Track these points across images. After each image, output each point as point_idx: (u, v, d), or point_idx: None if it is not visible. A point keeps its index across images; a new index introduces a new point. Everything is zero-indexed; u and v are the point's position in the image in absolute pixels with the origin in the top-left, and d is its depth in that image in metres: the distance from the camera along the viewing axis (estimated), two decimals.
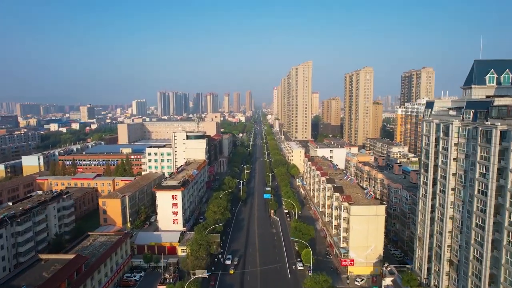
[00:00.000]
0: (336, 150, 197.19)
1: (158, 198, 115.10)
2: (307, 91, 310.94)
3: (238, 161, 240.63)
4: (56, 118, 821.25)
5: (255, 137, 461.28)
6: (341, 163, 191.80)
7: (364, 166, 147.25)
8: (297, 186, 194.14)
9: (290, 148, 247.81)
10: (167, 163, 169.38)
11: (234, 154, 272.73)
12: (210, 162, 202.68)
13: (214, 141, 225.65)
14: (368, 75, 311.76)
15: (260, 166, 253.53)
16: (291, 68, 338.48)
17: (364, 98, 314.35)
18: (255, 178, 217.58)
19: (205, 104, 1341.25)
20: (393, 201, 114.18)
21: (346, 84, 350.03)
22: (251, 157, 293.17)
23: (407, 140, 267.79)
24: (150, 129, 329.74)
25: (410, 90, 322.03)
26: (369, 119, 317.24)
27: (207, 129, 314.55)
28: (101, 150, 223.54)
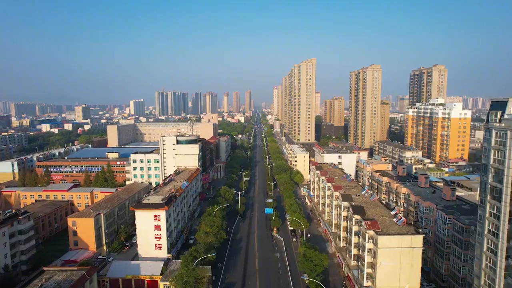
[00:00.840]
0: (345, 155, 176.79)
1: (138, 220, 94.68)
2: (311, 91, 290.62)
3: (236, 167, 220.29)
4: (50, 118, 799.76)
5: (255, 138, 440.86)
6: (351, 170, 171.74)
7: (382, 176, 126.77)
8: (302, 196, 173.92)
9: (293, 152, 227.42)
10: (155, 172, 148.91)
11: (232, 158, 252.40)
12: (205, 169, 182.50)
13: (209, 145, 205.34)
14: (376, 73, 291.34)
15: (261, 172, 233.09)
16: (293, 66, 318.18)
17: (372, 97, 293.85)
18: (254, 186, 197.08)
19: (204, 104, 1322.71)
20: (423, 222, 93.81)
21: (352, 83, 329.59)
22: (251, 161, 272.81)
23: (419, 143, 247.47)
24: (142, 130, 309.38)
25: (420, 89, 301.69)
26: (376, 120, 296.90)
27: (204, 131, 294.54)
28: (85, 155, 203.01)
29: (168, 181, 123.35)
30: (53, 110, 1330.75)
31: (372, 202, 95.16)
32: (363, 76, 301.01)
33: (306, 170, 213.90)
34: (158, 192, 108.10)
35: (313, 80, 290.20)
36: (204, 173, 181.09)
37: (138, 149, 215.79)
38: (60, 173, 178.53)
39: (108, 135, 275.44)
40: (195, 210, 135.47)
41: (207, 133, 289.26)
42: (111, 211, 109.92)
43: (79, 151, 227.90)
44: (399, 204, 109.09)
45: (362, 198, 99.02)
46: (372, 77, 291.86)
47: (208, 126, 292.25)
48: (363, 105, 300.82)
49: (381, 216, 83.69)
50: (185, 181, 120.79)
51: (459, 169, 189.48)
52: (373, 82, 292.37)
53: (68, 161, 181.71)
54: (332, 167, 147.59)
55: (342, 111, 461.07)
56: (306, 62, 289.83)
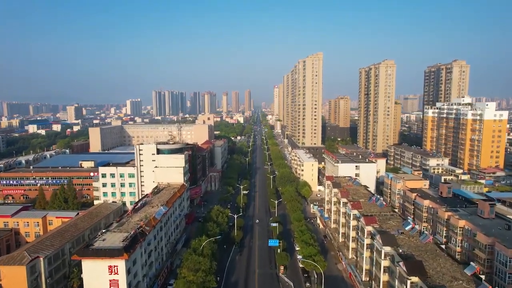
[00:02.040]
0: (363, 166, 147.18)
1: (85, 273, 65.08)
2: (317, 89, 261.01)
3: (233, 176, 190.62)
4: (41, 118, 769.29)
5: (255, 140, 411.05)
6: (370, 183, 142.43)
7: (422, 199, 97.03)
8: (311, 215, 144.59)
9: (299, 159, 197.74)
10: (130, 189, 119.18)
11: (229, 165, 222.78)
12: (195, 181, 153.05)
13: (202, 152, 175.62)
14: (390, 70, 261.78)
15: (261, 182, 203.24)
16: (296, 62, 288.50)
17: (385, 96, 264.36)
18: (255, 200, 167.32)
19: (202, 104, 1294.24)
20: (505, 277, 64.22)
21: (361, 80, 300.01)
22: (250, 167, 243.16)
23: (440, 149, 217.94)
24: (130, 133, 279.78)
25: (438, 88, 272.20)
26: (390, 122, 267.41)
27: (198, 134, 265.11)
28: (57, 163, 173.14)
29: (142, 205, 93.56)
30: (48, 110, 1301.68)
31: (426, 247, 65.50)
32: (375, 73, 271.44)
33: (315, 181, 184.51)
34: (123, 225, 78.26)
35: (319, 77, 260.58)
36: (194, 186, 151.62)
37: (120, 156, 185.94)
38: (21, 186, 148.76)
39: (90, 139, 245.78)
40: (179, 240, 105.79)
41: (201, 136, 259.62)
42: (58, 250, 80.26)
43: (52, 158, 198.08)
44: (455, 242, 79.47)
45: (409, 240, 69.29)
46: (385, 74, 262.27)
47: (202, 128, 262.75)
48: (375, 105, 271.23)
49: (448, 272, 54.31)
50: (163, 206, 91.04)
51: (497, 181, 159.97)
52: (386, 80, 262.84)
53: (31, 172, 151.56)
54: (352, 182, 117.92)
55: (348, 111, 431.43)
56: (311, 57, 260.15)
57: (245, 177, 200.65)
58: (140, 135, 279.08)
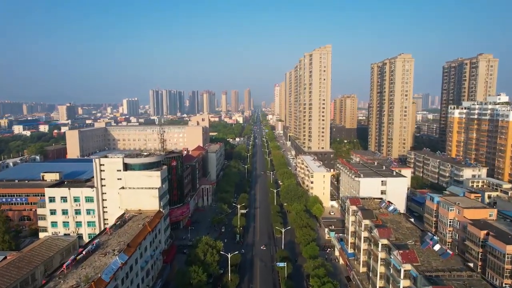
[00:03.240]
0: (391, 181, 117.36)
1: None
2: (325, 86, 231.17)
3: (230, 189, 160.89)
4: (33, 118, 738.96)
5: (255, 143, 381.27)
6: (399, 201, 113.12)
7: (501, 242, 66.85)
8: (326, 241, 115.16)
9: (307, 168, 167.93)
10: (88, 217, 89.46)
11: (225, 174, 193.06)
12: (181, 199, 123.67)
13: (192, 161, 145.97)
14: (407, 65, 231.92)
15: (263, 196, 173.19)
16: (302, 56, 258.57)
17: (402, 95, 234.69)
18: (255, 221, 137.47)
19: (201, 103, 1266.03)
20: None
21: (374, 77, 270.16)
22: (250, 175, 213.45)
23: (470, 155, 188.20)
24: (115, 136, 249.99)
25: (461, 85, 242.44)
26: (407, 123, 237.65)
27: (191, 137, 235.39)
28: (16, 175, 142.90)
29: (90, 251, 63.75)
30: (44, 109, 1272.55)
31: None
32: (390, 69, 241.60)
33: (327, 195, 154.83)
34: None
35: (328, 72, 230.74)
36: (179, 205, 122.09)
37: None
38: None
39: (67, 143, 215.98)
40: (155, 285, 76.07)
41: (194, 140, 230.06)
42: None
43: (16, 166, 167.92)
44: None
45: None
46: (402, 70, 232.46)
47: (195, 130, 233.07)
48: (390, 105, 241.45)
49: None
50: (121, 254, 61.29)
51: None
52: (403, 76, 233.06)
53: None
54: (387, 208, 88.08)
55: (355, 111, 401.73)
56: (319, 50, 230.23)
57: (243, 189, 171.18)
58: (126, 138, 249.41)
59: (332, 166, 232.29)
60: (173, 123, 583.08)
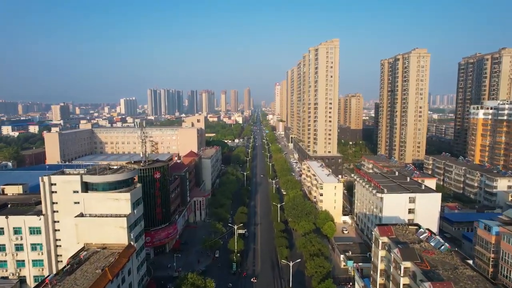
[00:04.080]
0: (421, 197, 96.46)
1: None
2: (333, 84, 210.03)
3: (226, 202, 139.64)
4: (25, 118, 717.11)
5: (255, 144, 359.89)
6: (430, 222, 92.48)
7: None
8: (342, 271, 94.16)
9: (315, 177, 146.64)
10: (34, 254, 68.37)
11: (222, 182, 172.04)
12: (166, 218, 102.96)
13: (181, 170, 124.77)
14: (423, 60, 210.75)
15: (265, 210, 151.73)
16: (306, 51, 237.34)
17: (416, 94, 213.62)
18: (255, 242, 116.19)
19: (200, 103, 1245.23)
20: None
21: (384, 74, 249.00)
22: (250, 182, 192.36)
23: (498, 161, 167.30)
24: (103, 138, 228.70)
25: (480, 82, 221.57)
26: (422, 125, 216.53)
27: (184, 140, 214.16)
28: None
29: None
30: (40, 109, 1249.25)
31: None
32: (403, 65, 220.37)
33: (339, 209, 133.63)
34: None
35: (335, 68, 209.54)
36: (165, 225, 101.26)
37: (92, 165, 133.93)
38: None
39: (46, 147, 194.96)
40: None
41: (188, 143, 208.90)
42: None
43: None
44: None
45: None
46: (416, 66, 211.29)
47: (189, 133, 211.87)
48: (403, 104, 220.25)
49: None
50: None
51: None
52: (418, 73, 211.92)
53: None
54: (426, 241, 66.93)
55: (360, 111, 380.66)
56: (325, 44, 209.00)
57: (242, 200, 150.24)
58: (115, 141, 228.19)
59: (341, 172, 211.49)
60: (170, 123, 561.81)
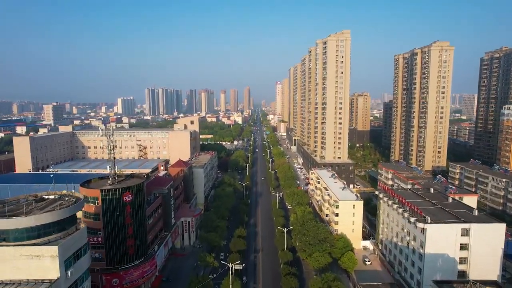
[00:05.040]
0: (478, 229, 72.26)
1: None
2: (343, 81, 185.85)
3: (220, 223, 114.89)
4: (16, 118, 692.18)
5: (255, 147, 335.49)
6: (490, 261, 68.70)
7: None
8: None
9: (328, 192, 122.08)
10: None
11: (217, 195, 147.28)
12: (142, 251, 78.51)
13: (164, 186, 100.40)
14: (446, 55, 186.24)
15: (268, 233, 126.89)
16: (312, 46, 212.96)
17: (437, 92, 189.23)
18: (256, 280, 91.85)
19: (199, 102, 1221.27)
20: None
21: (399, 70, 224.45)
22: (249, 194, 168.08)
23: None
24: (85, 142, 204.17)
25: (508, 79, 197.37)
26: (443, 127, 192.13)
27: (175, 143, 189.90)
28: None
29: None
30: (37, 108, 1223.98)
31: None
32: (421, 60, 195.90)
33: (358, 232, 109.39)
34: None
35: (346, 63, 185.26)
36: (138, 262, 77.01)
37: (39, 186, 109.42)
38: None
39: (15, 153, 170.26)
40: None
41: (179, 148, 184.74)
42: None
43: None
44: None
45: None
46: (438, 61, 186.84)
47: (181, 136, 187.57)
48: (421, 104, 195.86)
49: None
50: None
51: None
52: (440, 69, 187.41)
53: None
54: None
55: (367, 111, 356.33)
56: (335, 37, 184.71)
57: (240, 219, 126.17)
58: (98, 145, 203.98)
59: (353, 181, 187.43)
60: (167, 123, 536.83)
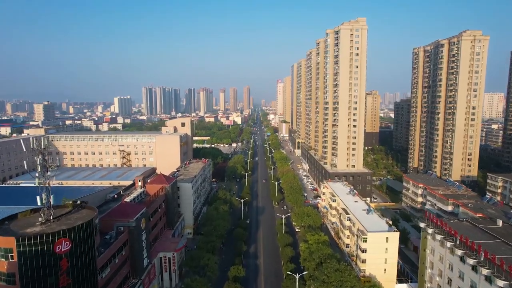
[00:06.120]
0: None
1: None
2: (359, 77, 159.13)
3: (209, 261, 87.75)
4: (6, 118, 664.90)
5: (255, 151, 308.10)
6: None
7: None
8: None
9: (347, 213, 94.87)
10: None
11: (208, 217, 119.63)
12: None
13: (130, 218, 73.22)
14: (479, 46, 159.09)
15: (272, 269, 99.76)
16: (324, 35, 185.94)
17: (468, 90, 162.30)
18: None
19: (198, 102, 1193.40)
20: None
21: (419, 66, 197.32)
22: (248, 211, 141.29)
23: None
24: (60, 147, 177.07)
25: None
26: (475, 131, 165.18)
27: (163, 149, 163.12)
28: None
29: None
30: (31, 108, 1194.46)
31: None
32: (448, 52, 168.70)
33: (391, 274, 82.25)
34: None
35: (362, 56, 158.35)
36: None
37: None
38: None
39: None
40: None
41: (167, 154, 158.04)
42: None
43: None
44: None
45: None
46: (470, 53, 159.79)
47: (170, 141, 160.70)
48: (448, 104, 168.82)
49: None
50: None
51: None
52: (471, 62, 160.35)
53: None
54: None
55: (377, 112, 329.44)
56: (349, 25, 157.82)
57: (237, 248, 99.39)
58: (75, 150, 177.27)
59: (370, 193, 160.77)
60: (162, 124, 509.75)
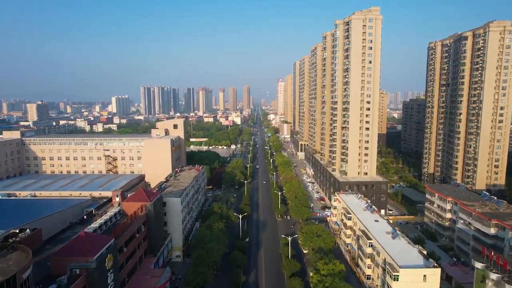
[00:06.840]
0: None
1: None
2: (372, 73, 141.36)
3: None
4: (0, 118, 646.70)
5: (255, 155, 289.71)
6: None
7: None
8: None
9: (371, 240, 76.69)
10: None
11: (200, 237, 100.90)
12: None
13: (90, 256, 54.83)
14: (509, 39, 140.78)
15: None
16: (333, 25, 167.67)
17: (496, 88, 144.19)
18: None
19: (197, 101, 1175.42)
20: None
21: (436, 62, 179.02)
22: (249, 229, 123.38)
23: None
24: (38, 152, 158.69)
25: None
26: (503, 135, 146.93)
27: (153, 154, 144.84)
28: None
29: None
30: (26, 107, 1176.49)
31: None
32: (473, 46, 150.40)
33: None
34: None
35: (376, 50, 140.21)
36: None
37: None
38: None
39: None
40: None
41: (157, 159, 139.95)
42: None
43: None
44: None
45: None
46: (498, 46, 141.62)
47: (159, 145, 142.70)
48: (471, 104, 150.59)
49: None
50: None
51: None
52: (500, 57, 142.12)
53: None
54: None
55: (384, 111, 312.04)
56: (361, 14, 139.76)
57: (234, 279, 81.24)
58: (56, 155, 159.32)
59: (385, 204, 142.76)
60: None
